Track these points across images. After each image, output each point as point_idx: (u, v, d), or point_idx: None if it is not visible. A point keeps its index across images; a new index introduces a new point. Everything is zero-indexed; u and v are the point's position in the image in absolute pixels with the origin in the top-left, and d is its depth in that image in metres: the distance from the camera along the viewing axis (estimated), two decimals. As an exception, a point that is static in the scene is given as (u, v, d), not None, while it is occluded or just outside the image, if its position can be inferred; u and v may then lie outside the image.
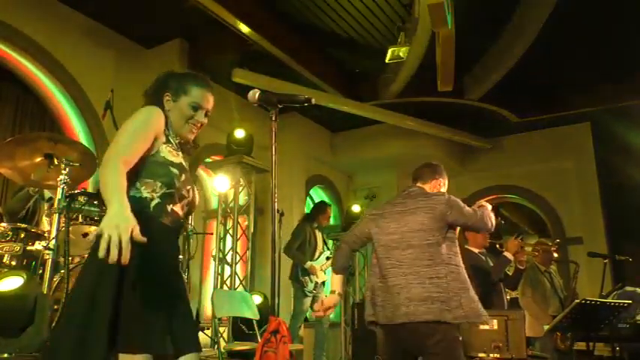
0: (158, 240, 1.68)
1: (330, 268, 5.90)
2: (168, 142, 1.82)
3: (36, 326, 2.77)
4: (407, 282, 2.65)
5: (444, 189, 3.00)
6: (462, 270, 2.72)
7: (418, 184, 2.98)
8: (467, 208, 2.81)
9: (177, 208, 1.80)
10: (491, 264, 4.20)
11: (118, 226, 1.40)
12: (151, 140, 1.73)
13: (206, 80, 1.92)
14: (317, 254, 5.74)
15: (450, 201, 2.78)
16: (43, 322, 2.81)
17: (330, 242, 7.54)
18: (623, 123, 7.26)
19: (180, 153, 1.86)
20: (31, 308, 2.81)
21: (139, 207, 1.64)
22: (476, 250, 4.25)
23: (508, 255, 4.02)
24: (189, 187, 1.82)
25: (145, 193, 1.71)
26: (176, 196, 1.76)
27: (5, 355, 2.64)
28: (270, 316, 1.77)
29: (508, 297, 5.76)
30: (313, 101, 1.93)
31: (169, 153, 1.79)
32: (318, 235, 5.85)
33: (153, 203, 1.72)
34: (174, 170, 1.76)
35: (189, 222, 4.63)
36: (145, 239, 1.45)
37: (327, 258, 5.80)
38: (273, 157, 1.88)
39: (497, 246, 4.36)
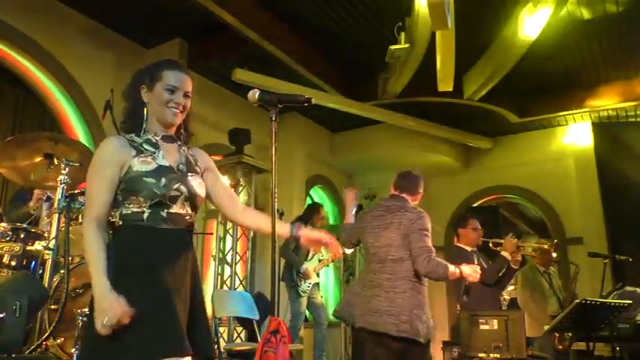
0: (160, 247, 1.72)
1: (322, 270, 5.96)
2: (140, 152, 1.79)
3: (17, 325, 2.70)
4: (372, 294, 2.86)
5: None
6: (424, 288, 2.89)
7: (403, 195, 3.10)
8: (427, 239, 2.88)
9: (176, 209, 1.78)
10: (483, 263, 4.14)
11: (105, 311, 1.58)
12: (116, 176, 1.75)
13: (179, 64, 1.93)
14: (310, 255, 5.77)
15: (417, 221, 2.89)
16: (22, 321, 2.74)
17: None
18: (622, 123, 7.26)
19: (158, 153, 1.82)
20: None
21: (134, 219, 1.72)
22: (468, 249, 4.17)
23: (505, 254, 3.99)
24: (176, 185, 1.78)
25: (135, 208, 1.73)
26: (164, 201, 1.75)
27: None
28: (270, 316, 1.77)
29: (507, 297, 5.76)
30: (313, 101, 1.93)
31: (141, 164, 1.76)
32: None
33: (145, 215, 1.73)
34: (149, 180, 1.74)
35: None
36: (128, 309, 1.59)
37: (320, 260, 5.82)
38: (273, 157, 1.88)
39: (491, 244, 4.32)
